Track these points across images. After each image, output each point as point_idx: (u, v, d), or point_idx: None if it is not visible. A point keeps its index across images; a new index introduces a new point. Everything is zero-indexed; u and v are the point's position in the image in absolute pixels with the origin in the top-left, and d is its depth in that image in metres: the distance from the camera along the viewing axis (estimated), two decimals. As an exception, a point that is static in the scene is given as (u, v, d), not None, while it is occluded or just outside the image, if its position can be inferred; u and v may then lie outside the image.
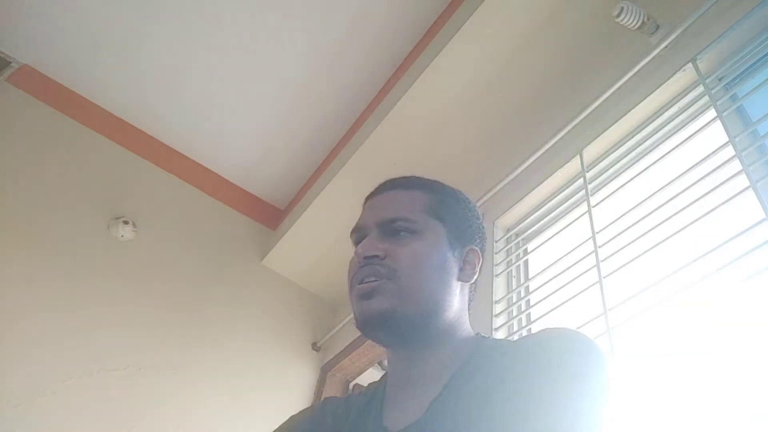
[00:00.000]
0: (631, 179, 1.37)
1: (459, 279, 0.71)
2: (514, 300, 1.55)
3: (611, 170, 1.50)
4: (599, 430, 0.49)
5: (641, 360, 1.08)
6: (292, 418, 0.80)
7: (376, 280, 0.65)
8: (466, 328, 0.72)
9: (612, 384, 0.53)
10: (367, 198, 0.77)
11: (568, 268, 1.37)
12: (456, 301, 0.70)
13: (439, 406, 0.60)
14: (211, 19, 2.18)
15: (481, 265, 0.75)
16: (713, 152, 1.15)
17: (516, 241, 1.70)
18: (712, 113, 1.24)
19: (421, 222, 0.69)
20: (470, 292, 0.75)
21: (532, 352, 0.57)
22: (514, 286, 1.61)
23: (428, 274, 0.67)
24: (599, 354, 0.55)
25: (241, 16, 2.15)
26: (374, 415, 0.68)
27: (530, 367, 0.54)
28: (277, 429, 0.78)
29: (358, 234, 0.73)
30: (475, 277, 0.73)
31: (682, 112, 1.35)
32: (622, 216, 1.29)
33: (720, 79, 1.27)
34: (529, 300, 1.52)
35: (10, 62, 2.33)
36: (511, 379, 0.54)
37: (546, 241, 1.58)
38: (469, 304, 0.75)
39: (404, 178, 0.77)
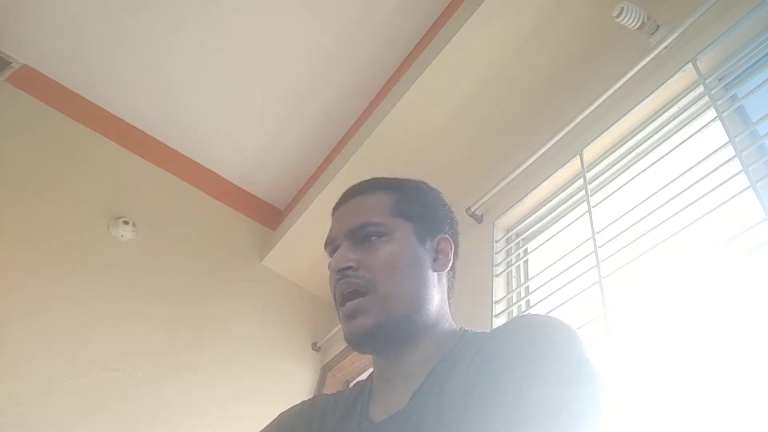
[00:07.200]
0: (631, 179, 1.37)
1: (434, 270, 0.72)
2: (514, 300, 1.55)
3: (611, 170, 1.50)
4: (576, 405, 0.50)
5: (640, 360, 1.08)
6: (280, 415, 0.81)
7: (358, 298, 0.67)
8: (448, 320, 0.73)
9: (591, 360, 0.54)
10: (334, 209, 0.79)
11: (568, 269, 1.37)
12: (435, 292, 0.71)
13: (422, 396, 0.62)
14: (211, 19, 2.18)
15: (455, 250, 0.76)
16: (713, 152, 1.15)
17: (516, 241, 1.70)
18: (712, 113, 1.24)
19: (388, 224, 0.71)
20: (448, 280, 0.76)
21: (509, 340, 0.58)
22: (514, 286, 1.61)
23: (403, 274, 0.68)
24: (572, 335, 0.56)
25: (241, 16, 2.15)
26: (361, 408, 0.70)
27: (508, 355, 0.56)
28: (267, 426, 0.79)
29: (331, 246, 0.74)
30: (450, 264, 0.74)
31: (682, 113, 1.35)
32: (622, 216, 1.29)
33: (720, 80, 1.27)
34: (529, 300, 1.52)
35: (10, 62, 2.33)
36: (491, 368, 0.56)
37: (546, 241, 1.57)
38: (448, 293, 0.76)
39: (366, 182, 0.78)
